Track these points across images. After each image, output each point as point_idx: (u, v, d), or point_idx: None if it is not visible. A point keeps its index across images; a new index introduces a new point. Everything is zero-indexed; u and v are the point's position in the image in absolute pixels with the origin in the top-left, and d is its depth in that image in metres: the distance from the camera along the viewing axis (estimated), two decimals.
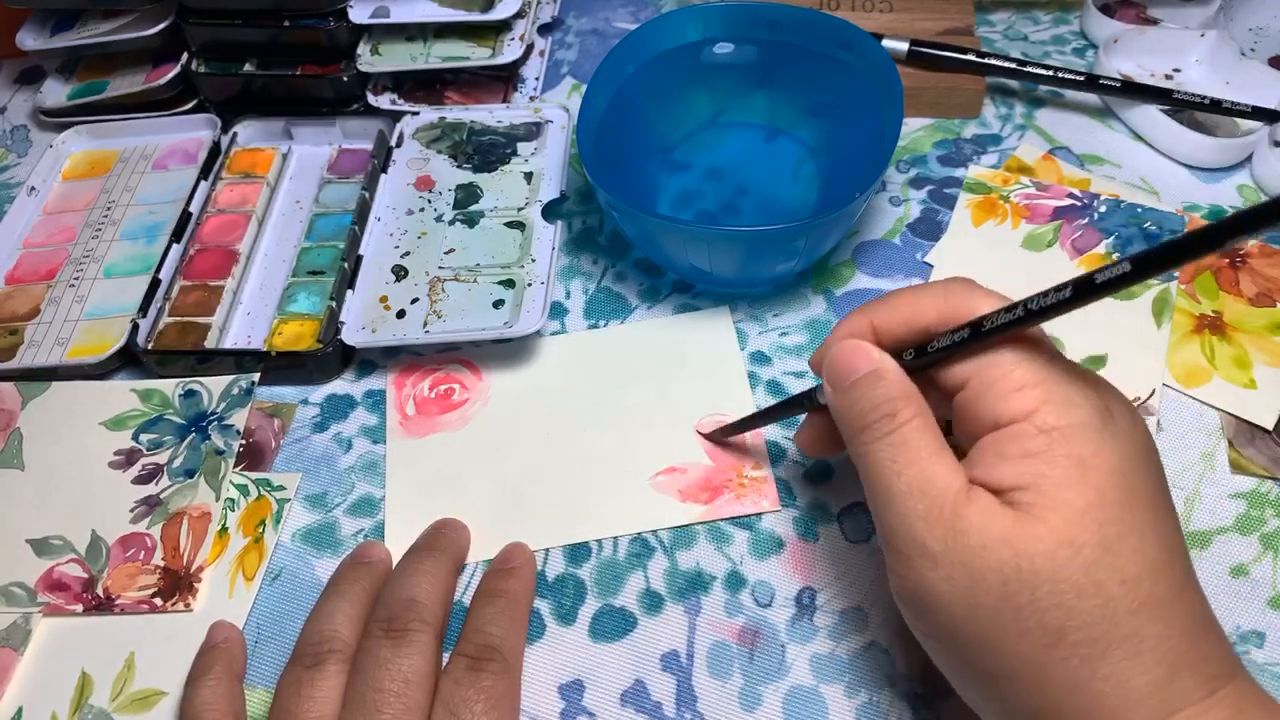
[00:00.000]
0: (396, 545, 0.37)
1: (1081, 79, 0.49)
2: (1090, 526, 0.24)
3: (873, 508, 0.28)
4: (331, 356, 0.42)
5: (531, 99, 0.53)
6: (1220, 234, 0.20)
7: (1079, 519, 0.24)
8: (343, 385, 0.43)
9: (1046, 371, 0.26)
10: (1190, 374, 0.40)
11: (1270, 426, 0.38)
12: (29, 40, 0.54)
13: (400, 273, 0.45)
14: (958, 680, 0.28)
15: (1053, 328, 0.28)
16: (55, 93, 0.54)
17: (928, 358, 0.28)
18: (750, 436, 0.39)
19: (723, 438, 0.39)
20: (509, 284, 0.44)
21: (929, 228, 0.46)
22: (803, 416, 0.35)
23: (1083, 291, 0.24)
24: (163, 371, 0.43)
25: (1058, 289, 0.24)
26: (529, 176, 0.48)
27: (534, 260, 0.44)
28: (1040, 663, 0.25)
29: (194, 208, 0.48)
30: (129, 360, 0.44)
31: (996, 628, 0.25)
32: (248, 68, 0.52)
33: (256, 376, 0.42)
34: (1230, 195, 0.47)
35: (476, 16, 0.51)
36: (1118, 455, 0.25)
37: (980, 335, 0.26)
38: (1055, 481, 0.25)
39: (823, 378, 0.30)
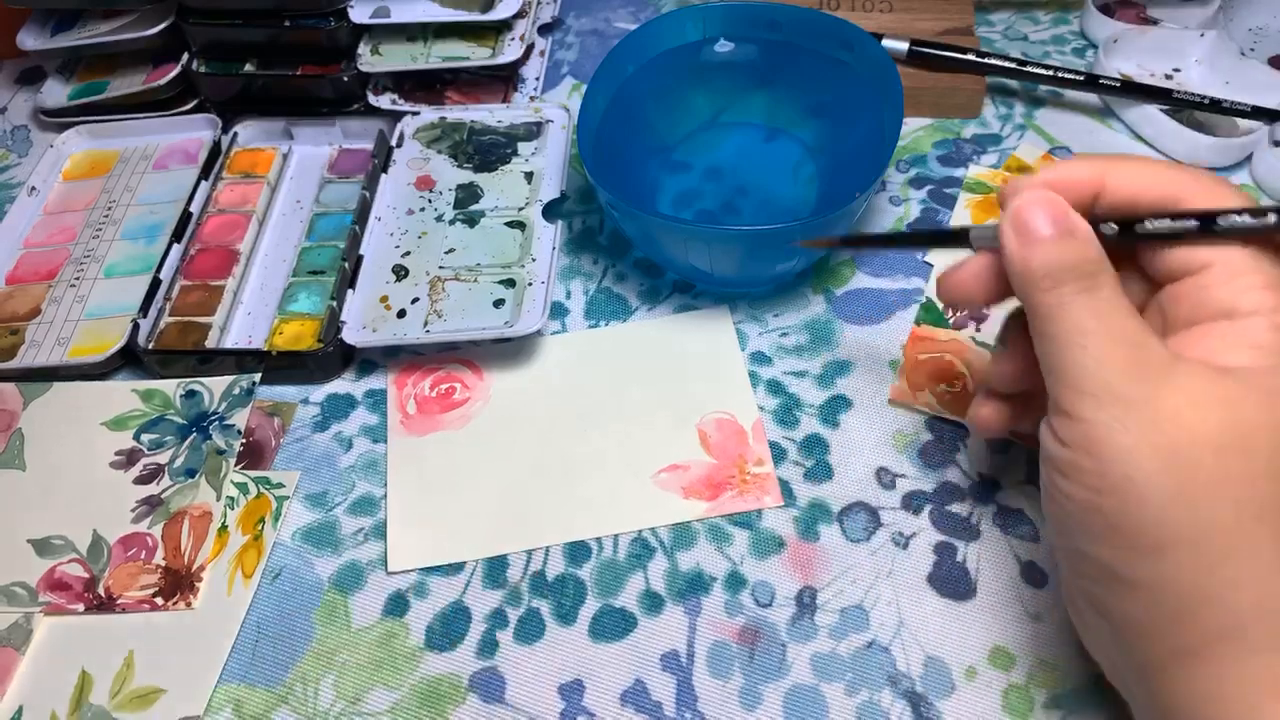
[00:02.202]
0: (397, 544, 0.37)
1: (1081, 79, 0.49)
2: None
3: (1052, 347, 0.26)
4: (332, 356, 0.42)
5: (531, 99, 0.53)
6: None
7: None
8: (343, 385, 0.43)
9: None
10: None
11: None
12: (29, 40, 0.54)
13: (401, 272, 0.45)
14: (1100, 548, 0.26)
15: None
16: (55, 93, 0.54)
17: (1133, 238, 0.26)
18: (752, 435, 0.39)
19: (834, 244, 0.37)
20: (509, 284, 0.44)
21: (929, 228, 0.46)
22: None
23: None
24: (164, 372, 0.43)
25: None
26: (529, 176, 0.48)
27: (534, 260, 0.44)
28: (1244, 530, 0.24)
29: (194, 208, 0.48)
30: (130, 360, 0.44)
31: (1197, 485, 0.24)
32: (248, 68, 0.52)
33: (258, 376, 0.42)
34: None
35: (477, 16, 0.51)
36: None
37: (1209, 231, 0.25)
38: None
39: (1004, 221, 0.27)
